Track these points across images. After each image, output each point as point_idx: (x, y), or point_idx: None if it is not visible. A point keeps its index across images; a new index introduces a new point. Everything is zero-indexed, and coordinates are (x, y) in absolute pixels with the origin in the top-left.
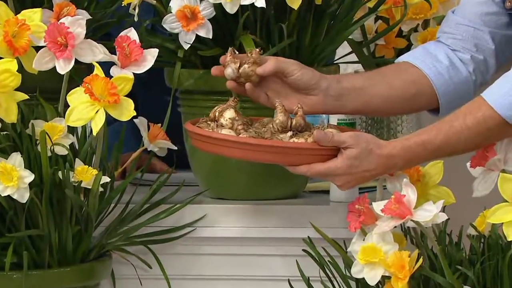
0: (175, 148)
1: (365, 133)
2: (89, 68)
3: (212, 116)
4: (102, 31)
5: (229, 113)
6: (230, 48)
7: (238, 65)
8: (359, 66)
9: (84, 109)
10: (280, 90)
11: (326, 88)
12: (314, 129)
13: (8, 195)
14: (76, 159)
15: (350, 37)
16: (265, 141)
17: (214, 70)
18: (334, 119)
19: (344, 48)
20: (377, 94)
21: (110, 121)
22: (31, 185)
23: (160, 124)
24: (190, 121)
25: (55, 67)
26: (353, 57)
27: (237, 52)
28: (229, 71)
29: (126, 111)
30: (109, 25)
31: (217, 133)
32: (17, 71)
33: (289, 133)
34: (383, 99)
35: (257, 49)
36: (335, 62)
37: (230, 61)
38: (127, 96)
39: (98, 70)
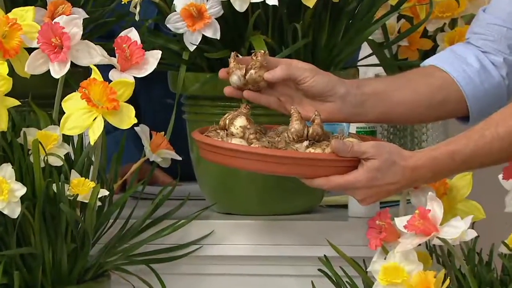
0: (180, 158)
1: (388, 142)
2: (86, 71)
3: (222, 124)
4: (101, 31)
5: (240, 121)
6: (232, 53)
7: (244, 71)
8: (380, 70)
9: (80, 116)
10: (294, 96)
11: (344, 94)
12: (333, 139)
13: None
14: (72, 170)
15: (370, 37)
16: (279, 152)
17: (222, 73)
18: (353, 127)
19: (364, 50)
20: (400, 101)
21: (109, 129)
22: (22, 199)
23: (163, 132)
24: (198, 130)
25: (49, 70)
26: (374, 59)
27: (240, 56)
28: (234, 78)
29: (127, 118)
30: (108, 24)
31: (226, 142)
32: (7, 74)
33: (305, 143)
34: (407, 106)
35: (262, 51)
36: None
37: (234, 67)
38: (127, 101)
39: (96, 74)
